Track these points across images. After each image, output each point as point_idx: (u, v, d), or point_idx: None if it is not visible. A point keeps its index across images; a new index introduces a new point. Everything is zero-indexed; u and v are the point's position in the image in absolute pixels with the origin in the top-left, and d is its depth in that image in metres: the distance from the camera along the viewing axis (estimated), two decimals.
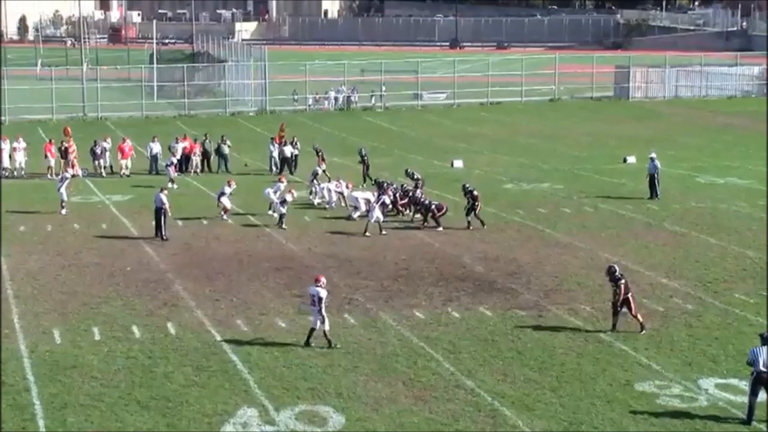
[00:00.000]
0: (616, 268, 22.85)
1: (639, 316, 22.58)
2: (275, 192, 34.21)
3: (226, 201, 34.18)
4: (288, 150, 43.88)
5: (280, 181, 35.58)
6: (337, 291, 23.61)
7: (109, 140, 44.94)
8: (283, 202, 33.24)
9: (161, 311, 24.27)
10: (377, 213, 32.22)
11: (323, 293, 21.37)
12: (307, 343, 21.51)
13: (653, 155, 38.11)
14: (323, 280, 21.69)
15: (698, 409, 18.52)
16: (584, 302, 24.91)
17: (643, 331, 22.43)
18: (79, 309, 24.38)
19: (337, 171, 40.15)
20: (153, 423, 17.90)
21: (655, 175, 37.52)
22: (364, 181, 39.94)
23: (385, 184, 34.90)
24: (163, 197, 31.49)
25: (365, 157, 41.30)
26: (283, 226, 32.88)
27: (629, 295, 22.43)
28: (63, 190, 35.19)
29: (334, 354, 21.18)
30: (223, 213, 34.16)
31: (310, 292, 21.59)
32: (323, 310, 21.34)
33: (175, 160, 41.96)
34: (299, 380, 19.83)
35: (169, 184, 38.01)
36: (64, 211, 34.75)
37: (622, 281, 22.40)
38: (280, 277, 27.26)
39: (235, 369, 20.47)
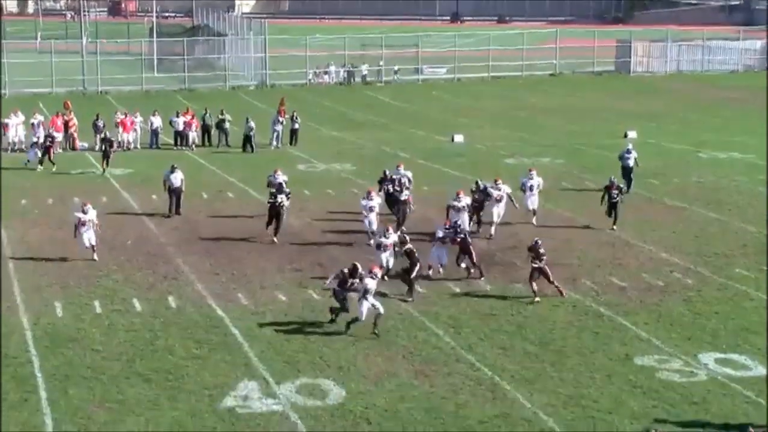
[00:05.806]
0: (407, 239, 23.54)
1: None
2: (370, 210, 28.20)
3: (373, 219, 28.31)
4: (279, 127, 43.80)
5: (368, 194, 28.85)
6: (337, 265, 23.61)
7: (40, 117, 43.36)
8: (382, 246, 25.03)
9: (162, 285, 24.32)
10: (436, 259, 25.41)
11: (372, 285, 20.85)
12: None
13: (630, 147, 35.19)
14: (377, 271, 21.42)
15: (698, 383, 18.57)
16: (584, 276, 24.95)
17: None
18: (80, 282, 24.43)
19: (335, 145, 39.97)
20: (154, 395, 17.96)
21: (633, 168, 34.34)
22: None
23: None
24: (173, 177, 30.84)
25: None
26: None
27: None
28: (32, 155, 38.24)
29: (335, 328, 21.22)
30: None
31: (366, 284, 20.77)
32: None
33: (37, 140, 39.70)
34: (300, 354, 19.89)
35: (38, 166, 38.37)
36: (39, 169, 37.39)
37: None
38: (280, 251, 27.27)
39: (236, 342, 20.53)
